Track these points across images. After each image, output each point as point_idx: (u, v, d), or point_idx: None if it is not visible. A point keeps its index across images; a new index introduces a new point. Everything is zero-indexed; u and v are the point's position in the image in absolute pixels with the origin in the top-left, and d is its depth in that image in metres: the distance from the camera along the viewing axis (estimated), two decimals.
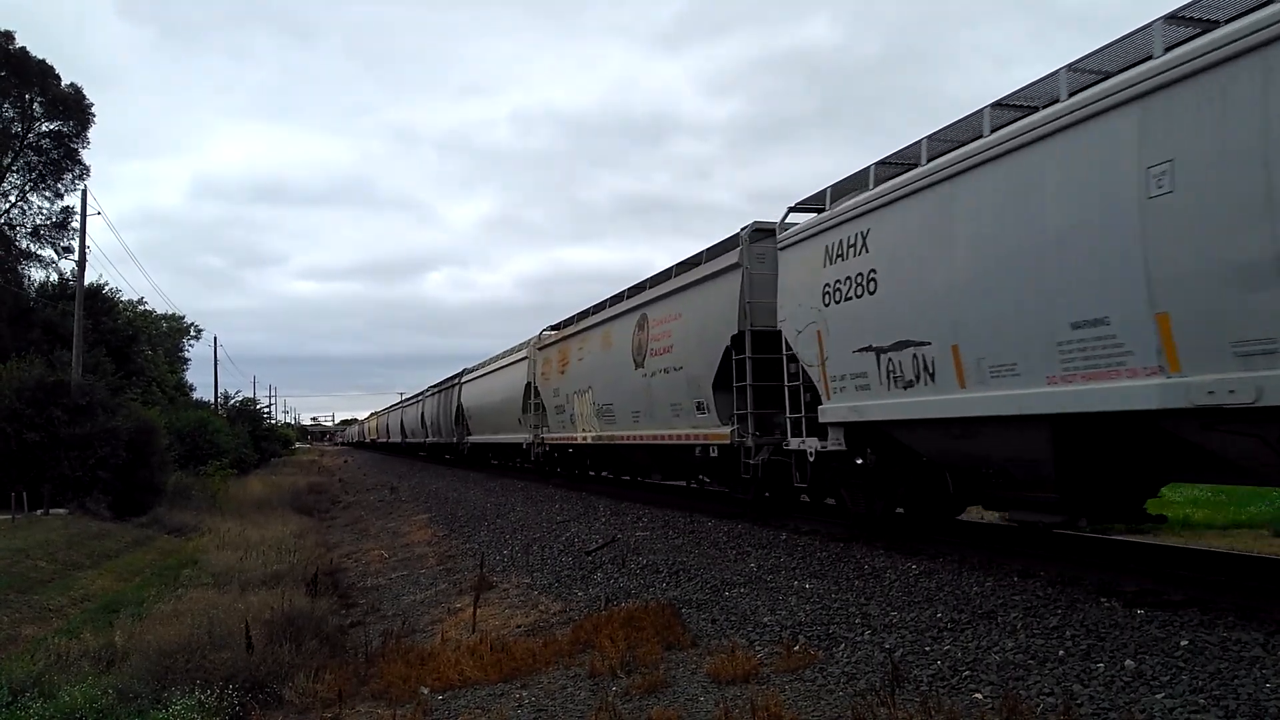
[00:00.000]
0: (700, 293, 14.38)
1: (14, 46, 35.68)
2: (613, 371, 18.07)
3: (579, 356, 20.53)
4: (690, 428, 14.56)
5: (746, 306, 12.74)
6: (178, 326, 66.82)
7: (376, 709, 7.63)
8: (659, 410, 15.83)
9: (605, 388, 18.55)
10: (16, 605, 12.68)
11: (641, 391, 16.49)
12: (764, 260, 12.71)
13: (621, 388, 17.59)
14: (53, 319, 34.47)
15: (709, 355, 13.68)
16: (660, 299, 15.96)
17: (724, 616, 8.71)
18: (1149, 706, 5.15)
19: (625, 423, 17.64)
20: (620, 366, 17.52)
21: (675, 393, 15.06)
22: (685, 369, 14.61)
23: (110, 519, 21.81)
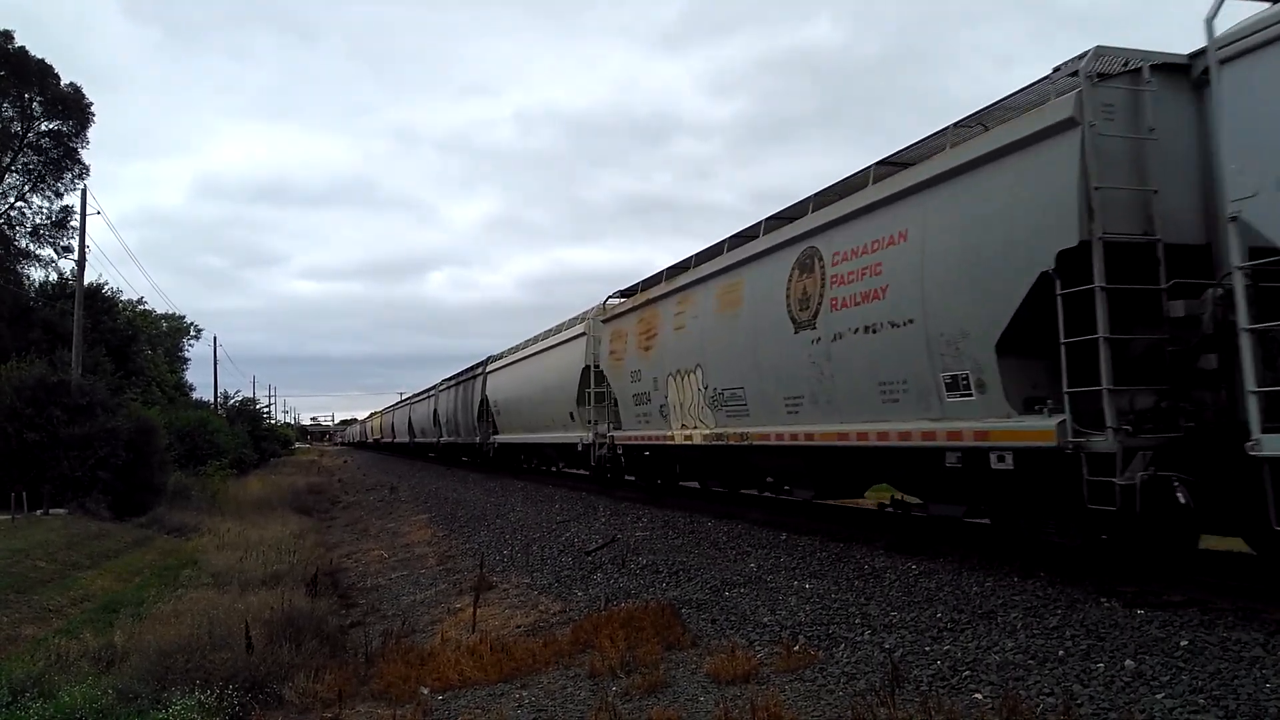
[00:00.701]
0: (966, 188, 8.56)
1: (13, 46, 35.68)
2: (742, 341, 12.54)
3: (676, 325, 14.91)
4: (933, 421, 9.00)
5: (1092, 196, 7.22)
6: (177, 326, 66.86)
7: (376, 709, 7.63)
8: (851, 393, 10.24)
9: (727, 365, 13.09)
10: (16, 605, 12.67)
11: (807, 366, 10.90)
12: (1120, 113, 7.45)
13: (761, 363, 12.07)
14: (52, 319, 34.47)
15: (992, 293, 8.13)
16: (851, 219, 10.17)
17: (724, 616, 8.71)
18: (1149, 706, 5.16)
19: (767, 415, 12.11)
20: (758, 332, 12.10)
21: (890, 364, 9.52)
22: (924, 322, 8.94)
23: (110, 519, 21.80)
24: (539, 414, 24.67)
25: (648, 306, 16.42)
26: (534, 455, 28.77)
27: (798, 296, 11.12)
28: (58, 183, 38.54)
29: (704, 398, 13.89)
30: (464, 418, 35.99)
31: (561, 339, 22.86)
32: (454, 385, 39.15)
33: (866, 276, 9.80)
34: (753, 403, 12.54)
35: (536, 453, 28.16)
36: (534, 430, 25.58)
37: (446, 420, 40.94)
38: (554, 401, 22.80)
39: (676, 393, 15.01)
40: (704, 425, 14.09)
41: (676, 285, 15.12)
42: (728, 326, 13.05)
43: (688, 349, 14.46)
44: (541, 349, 24.69)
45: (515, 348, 28.55)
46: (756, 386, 12.37)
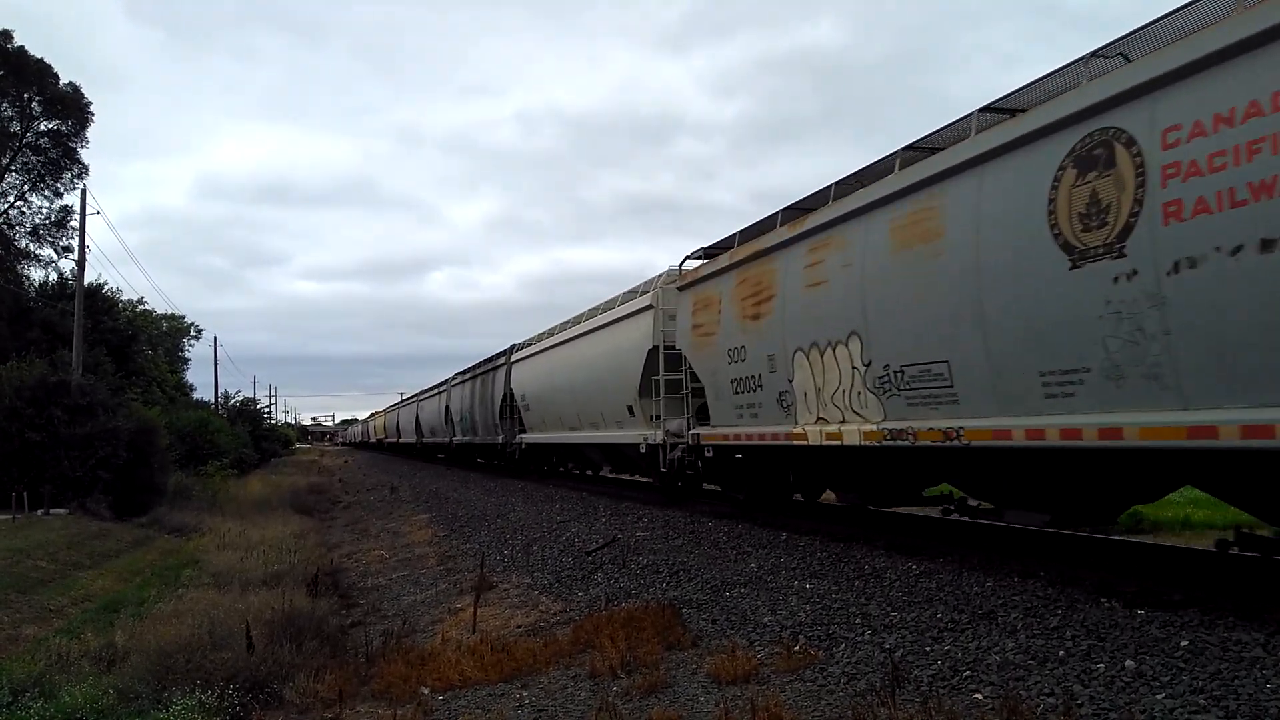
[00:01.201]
0: None
1: (12, 45, 35.71)
2: (945, 291, 8.59)
3: (810, 280, 10.88)
4: None
5: None
6: (178, 326, 66.91)
7: (377, 709, 7.63)
8: (1211, 358, 6.28)
9: (912, 330, 9.13)
10: (17, 605, 12.68)
11: (1099, 320, 7.02)
12: None
13: (989, 322, 8.12)
14: (52, 318, 34.50)
15: None
16: (1207, 67, 6.17)
17: (724, 616, 8.72)
18: (1149, 707, 5.16)
19: (997, 401, 8.18)
20: (982, 274, 8.15)
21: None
22: None
23: (111, 519, 21.82)
24: (583, 409, 20.49)
25: (755, 262, 12.34)
26: (571, 458, 25.38)
27: (1077, 210, 7.20)
28: (57, 182, 38.63)
29: (864, 378, 9.86)
30: (482, 415, 32.01)
31: (616, 316, 18.43)
32: (470, 379, 34.76)
33: (1258, 155, 5.78)
34: (964, 383, 8.44)
35: (575, 455, 24.49)
36: (575, 428, 21.48)
37: (461, 418, 36.90)
38: (605, 393, 18.73)
39: (809, 374, 11.06)
40: (861, 418, 10.02)
41: (805, 228, 11.06)
42: (913, 272, 8.95)
43: (831, 312, 10.43)
44: (586, 330, 20.40)
45: (548, 332, 24.33)
46: (975, 358, 8.25)
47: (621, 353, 17.80)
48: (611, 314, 18.94)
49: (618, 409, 18.20)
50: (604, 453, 21.21)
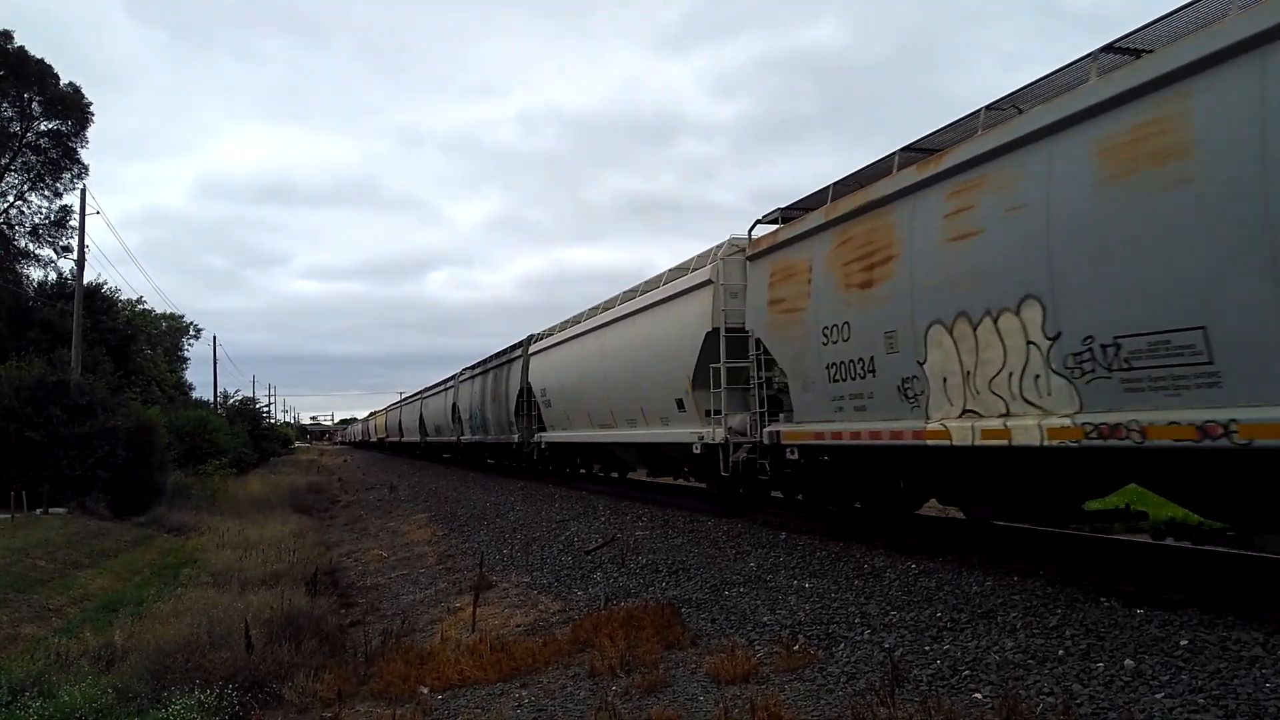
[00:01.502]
0: None
1: (12, 46, 35.69)
2: (1193, 231, 6.36)
3: (952, 233, 8.63)
4: None
5: None
6: (177, 326, 66.86)
7: (376, 708, 7.62)
8: None
9: (1137, 287, 6.81)
10: (16, 604, 12.67)
11: None
12: None
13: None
14: (51, 318, 34.49)
15: None
16: None
17: (724, 616, 8.71)
18: (1149, 706, 5.16)
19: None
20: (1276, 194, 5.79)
21: None
22: None
23: (110, 518, 21.81)
24: (618, 404, 17.99)
25: (863, 216, 10.06)
26: (599, 459, 22.37)
27: None
28: (56, 182, 38.59)
29: (1047, 356, 7.59)
30: (495, 412, 29.64)
31: (663, 296, 15.81)
32: (481, 374, 32.43)
33: None
34: (1233, 358, 6.10)
35: (603, 456, 21.71)
36: (607, 426, 19.15)
37: (470, 416, 34.25)
38: (647, 385, 16.25)
39: (952, 353, 8.68)
40: (1041, 409, 7.73)
41: (943, 167, 8.78)
42: (1140, 208, 6.67)
43: (991, 271, 8.14)
44: (623, 315, 17.83)
45: (574, 319, 21.83)
46: (1257, 321, 5.93)
47: (671, 338, 15.25)
48: (656, 294, 16.07)
49: (663, 403, 15.74)
50: (642, 454, 18.47)
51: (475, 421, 33.59)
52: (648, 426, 16.86)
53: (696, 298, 14.49)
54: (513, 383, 27.18)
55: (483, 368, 32.55)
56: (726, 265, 13.83)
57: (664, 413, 15.96)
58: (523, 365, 25.96)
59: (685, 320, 14.76)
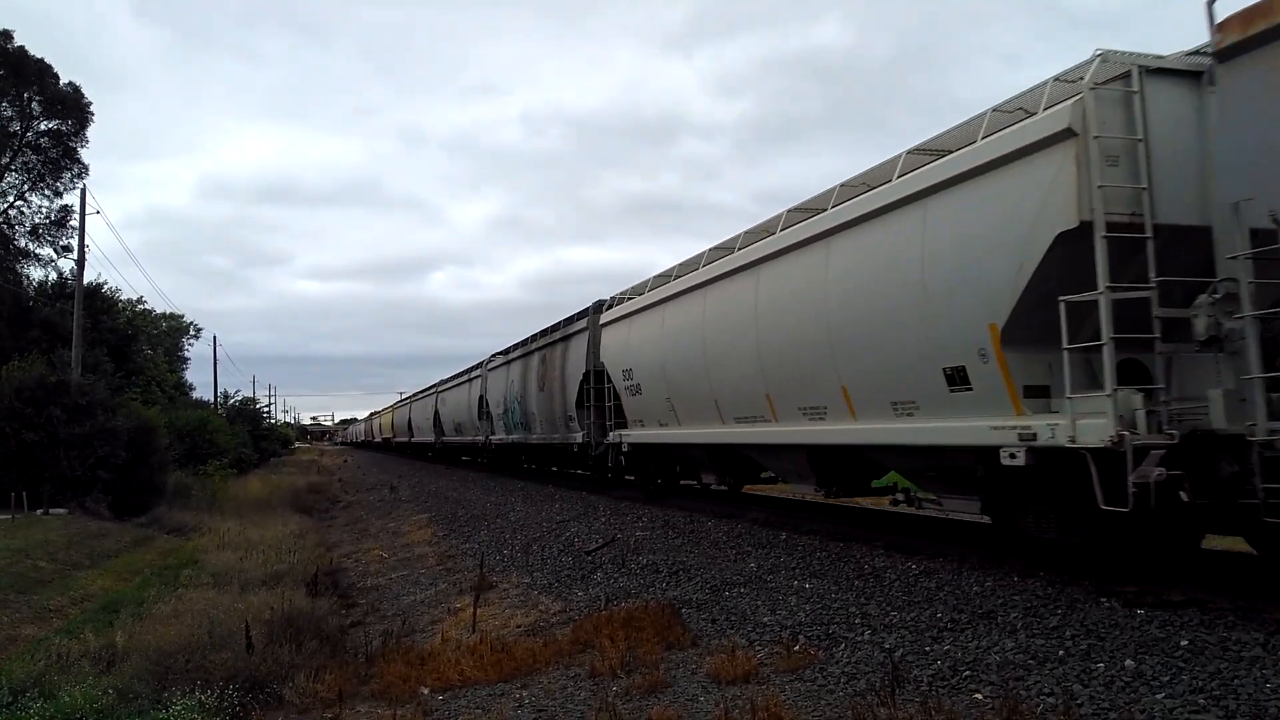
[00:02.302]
0: None
1: (12, 45, 35.70)
2: None
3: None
4: None
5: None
6: (177, 326, 66.87)
7: (377, 709, 7.63)
8: None
9: None
10: (16, 605, 12.67)
11: None
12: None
13: None
14: (52, 318, 34.48)
15: None
16: None
17: (724, 616, 8.72)
18: (1149, 706, 5.16)
19: None
20: None
21: None
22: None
23: (110, 519, 21.81)
24: (790, 383, 11.52)
25: None
26: (734, 467, 15.10)
27: None
28: (57, 182, 38.58)
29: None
30: (545, 404, 23.59)
31: (929, 184, 8.77)
32: (522, 356, 26.40)
33: None
34: None
35: (739, 462, 14.73)
36: (755, 419, 12.61)
37: (505, 411, 28.19)
38: (877, 349, 9.72)
39: None
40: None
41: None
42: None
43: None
44: (806, 239, 10.95)
45: (690, 263, 14.99)
46: None
47: (951, 262, 8.47)
48: (910, 183, 9.03)
49: (913, 381, 9.19)
50: (817, 462, 11.91)
51: (512, 417, 27.51)
52: (876, 419, 9.90)
53: (1033, 169, 7.57)
54: (573, 365, 21.18)
55: (523, 350, 26.34)
56: (1103, 102, 7.15)
57: (919, 395, 9.14)
58: (589, 342, 20.00)
59: (1000, 220, 7.86)
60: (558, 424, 22.77)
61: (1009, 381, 7.96)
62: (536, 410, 24.71)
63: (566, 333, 22.25)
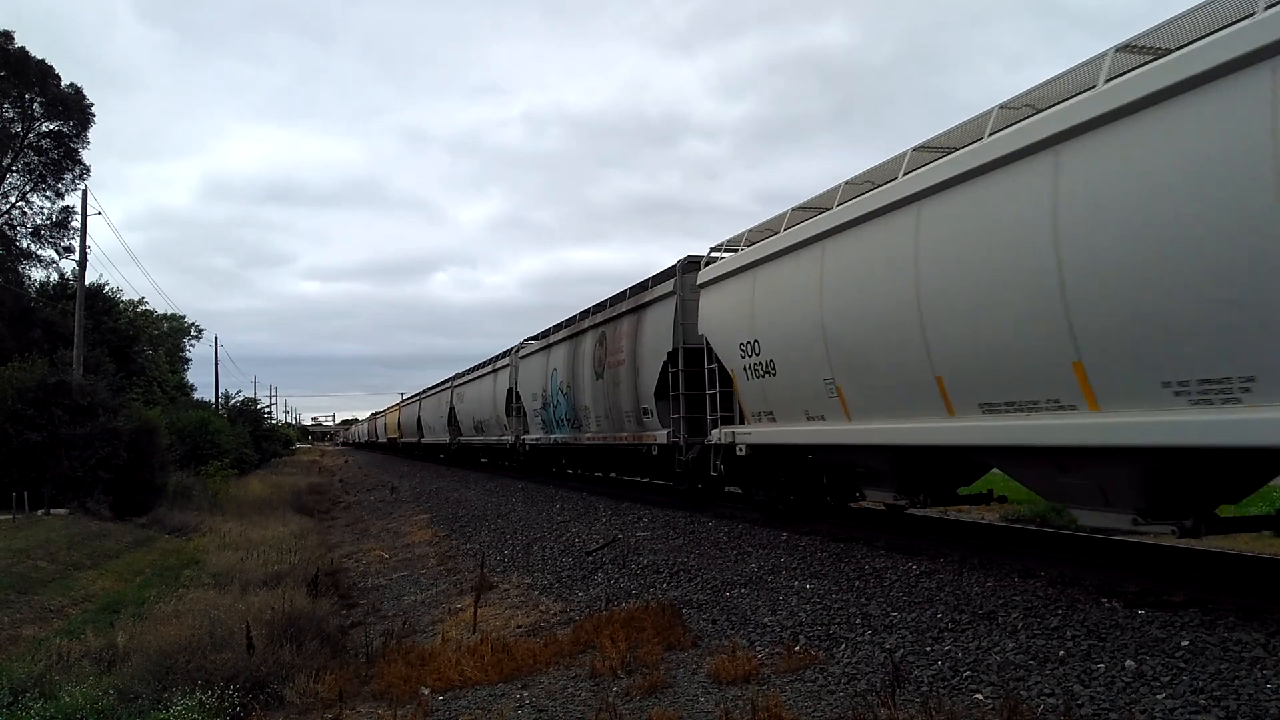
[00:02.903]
0: None
1: (13, 46, 35.74)
2: None
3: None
4: None
5: None
6: (178, 326, 66.94)
7: (377, 709, 7.63)
8: None
9: None
10: (17, 605, 12.68)
11: None
12: None
13: None
14: (53, 319, 34.51)
15: None
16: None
17: (725, 617, 8.72)
18: (1150, 707, 5.16)
19: None
20: None
21: None
22: None
23: (111, 519, 21.81)
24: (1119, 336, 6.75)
25: None
26: (937, 477, 10.41)
27: None
28: (58, 183, 38.64)
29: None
30: (603, 397, 18.75)
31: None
32: (568, 337, 21.79)
33: None
34: None
35: (955, 470, 10.47)
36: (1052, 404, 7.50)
37: (545, 404, 23.59)
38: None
39: None
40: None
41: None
42: None
43: None
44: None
45: (858, 180, 10.54)
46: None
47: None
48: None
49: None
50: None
51: (554, 412, 22.95)
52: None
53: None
54: (651, 342, 16.37)
55: (570, 330, 21.70)
56: None
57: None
58: (676, 310, 15.33)
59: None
60: (624, 419, 17.71)
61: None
62: (591, 403, 19.71)
63: (639, 302, 17.15)
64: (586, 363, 20.12)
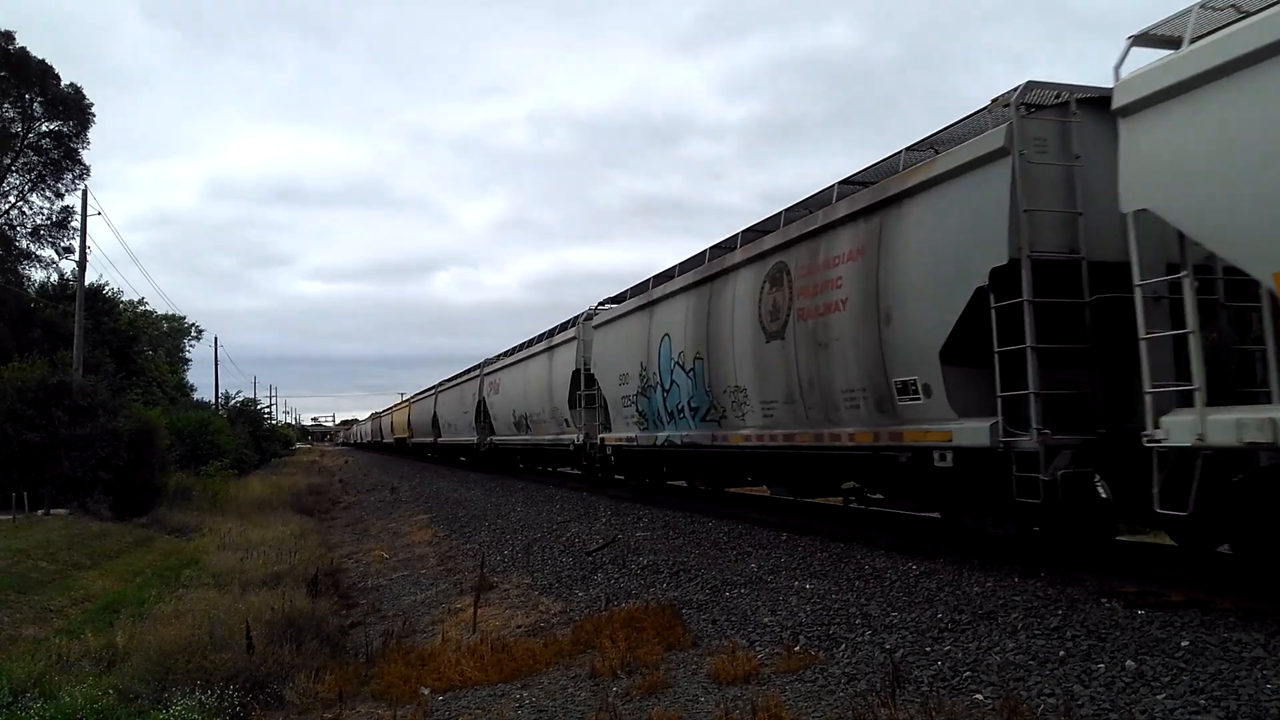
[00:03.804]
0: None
1: (14, 47, 35.73)
2: None
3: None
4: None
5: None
6: (178, 327, 66.95)
7: (377, 709, 7.63)
8: None
9: None
10: (17, 605, 12.67)
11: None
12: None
13: None
14: (53, 319, 34.49)
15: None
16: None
17: (724, 617, 8.71)
18: (1150, 707, 5.15)
19: None
20: None
21: None
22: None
23: (111, 519, 21.80)
24: None
25: None
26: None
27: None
28: (58, 183, 38.61)
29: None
30: (797, 365, 11.49)
31: None
32: (683, 290, 15.33)
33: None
34: None
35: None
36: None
37: (645, 388, 16.75)
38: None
39: None
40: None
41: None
42: None
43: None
44: None
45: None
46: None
47: None
48: None
49: None
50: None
51: (662, 400, 16.01)
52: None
53: None
54: (930, 259, 9.25)
55: (700, 273, 14.73)
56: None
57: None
58: (1010, 180, 8.22)
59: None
60: (840, 405, 10.73)
61: None
62: (753, 380, 12.78)
63: (886, 195, 9.87)
64: (741, 317, 13.13)
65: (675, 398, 15.56)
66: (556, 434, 23.59)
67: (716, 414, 14.14)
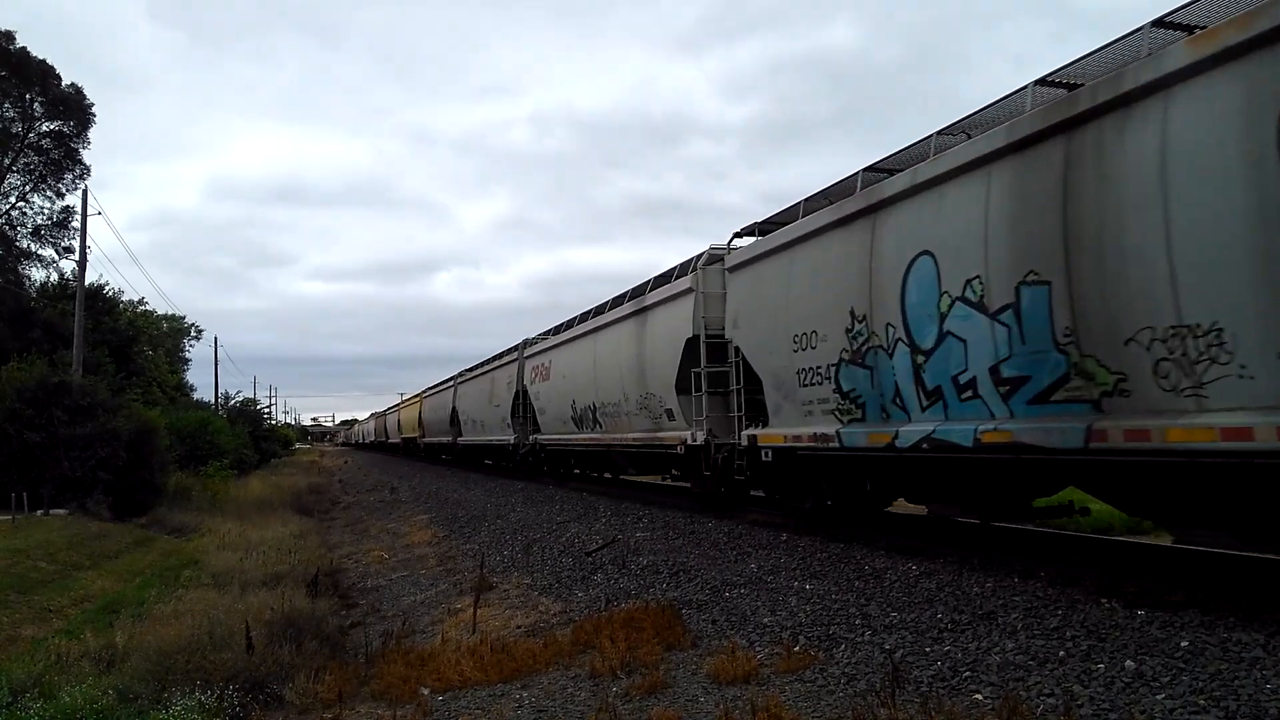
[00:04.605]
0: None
1: (14, 47, 35.75)
2: None
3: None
4: None
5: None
6: (178, 327, 66.98)
7: (377, 709, 7.63)
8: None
9: None
10: (16, 606, 12.68)
11: None
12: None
13: None
14: (53, 319, 34.51)
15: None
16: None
17: (724, 617, 8.71)
18: (1150, 707, 5.15)
19: None
20: None
21: None
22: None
23: (110, 519, 21.80)
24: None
25: None
26: None
27: None
28: (59, 183, 38.67)
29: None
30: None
31: None
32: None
33: None
34: None
35: None
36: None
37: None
38: None
39: None
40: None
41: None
42: None
43: None
44: None
45: None
46: None
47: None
48: None
49: None
50: None
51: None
52: None
53: None
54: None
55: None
56: None
57: None
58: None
59: None
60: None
61: None
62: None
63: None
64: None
65: (947, 361, 9.06)
66: (650, 430, 17.25)
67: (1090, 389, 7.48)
